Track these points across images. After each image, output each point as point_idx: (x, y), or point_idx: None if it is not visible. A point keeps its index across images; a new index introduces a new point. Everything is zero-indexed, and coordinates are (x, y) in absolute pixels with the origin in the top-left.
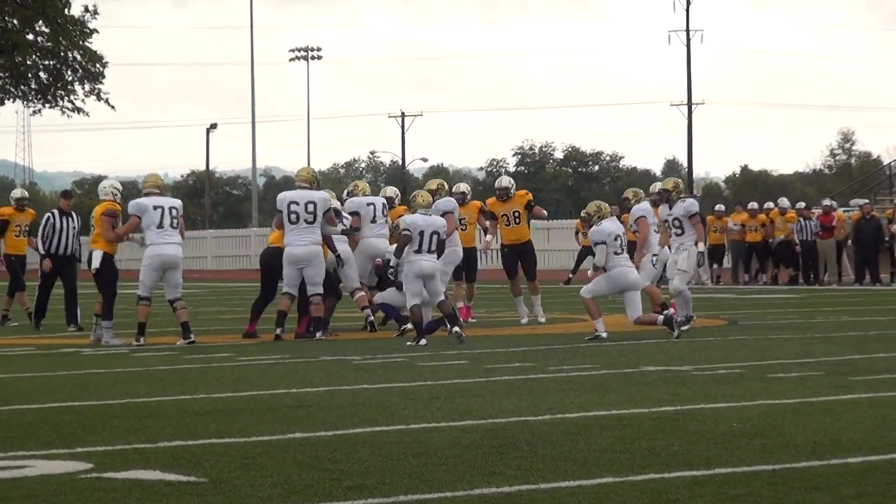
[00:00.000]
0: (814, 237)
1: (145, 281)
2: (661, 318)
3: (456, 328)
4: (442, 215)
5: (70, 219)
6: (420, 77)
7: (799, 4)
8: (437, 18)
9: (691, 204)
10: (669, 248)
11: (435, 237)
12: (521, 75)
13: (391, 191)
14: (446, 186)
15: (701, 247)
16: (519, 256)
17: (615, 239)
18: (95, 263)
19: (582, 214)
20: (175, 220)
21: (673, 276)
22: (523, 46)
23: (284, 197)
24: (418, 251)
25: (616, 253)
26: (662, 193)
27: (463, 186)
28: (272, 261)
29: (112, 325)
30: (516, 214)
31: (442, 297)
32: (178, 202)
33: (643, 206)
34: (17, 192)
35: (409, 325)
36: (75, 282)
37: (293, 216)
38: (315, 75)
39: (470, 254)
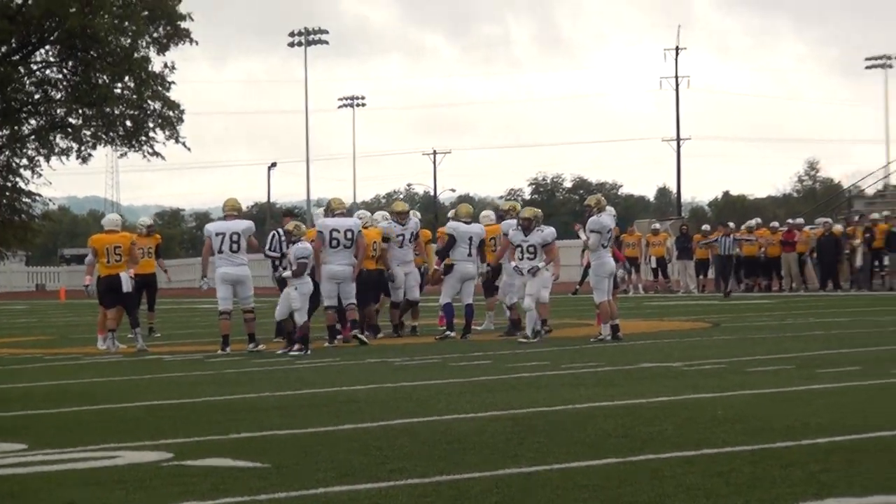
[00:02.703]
0: (731, 252)
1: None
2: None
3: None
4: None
5: None
6: (447, 120)
7: (755, 54)
8: (456, 71)
9: (549, 233)
10: (521, 271)
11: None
12: (531, 117)
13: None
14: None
15: (549, 271)
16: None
17: (608, 232)
18: (128, 286)
19: (584, 205)
20: (235, 244)
21: (524, 297)
22: (532, 92)
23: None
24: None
25: (603, 245)
26: (522, 222)
27: (490, 212)
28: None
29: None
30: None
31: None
32: (241, 226)
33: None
34: (147, 220)
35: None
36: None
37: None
38: (359, 120)
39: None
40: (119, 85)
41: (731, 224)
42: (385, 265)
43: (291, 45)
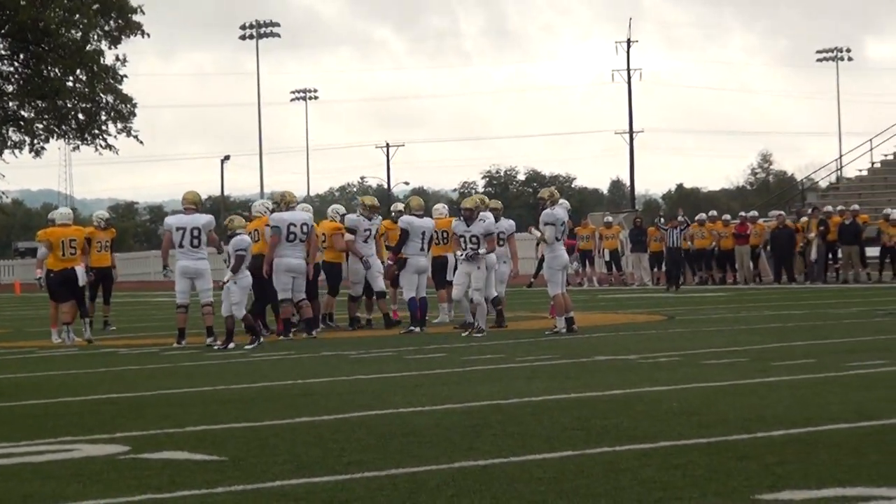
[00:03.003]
0: (676, 244)
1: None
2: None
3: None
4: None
5: None
6: (399, 113)
7: (704, 46)
8: (406, 64)
9: (490, 224)
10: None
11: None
12: (483, 110)
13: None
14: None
15: (513, 266)
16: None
17: (562, 224)
18: (83, 280)
19: (537, 199)
20: (195, 239)
21: (472, 291)
22: (482, 85)
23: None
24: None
25: (557, 238)
26: (464, 212)
27: (441, 207)
28: (256, 271)
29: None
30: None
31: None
32: (201, 221)
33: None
34: (102, 214)
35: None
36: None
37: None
38: (312, 113)
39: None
40: (71, 78)
41: (680, 217)
42: (357, 255)
43: (243, 37)
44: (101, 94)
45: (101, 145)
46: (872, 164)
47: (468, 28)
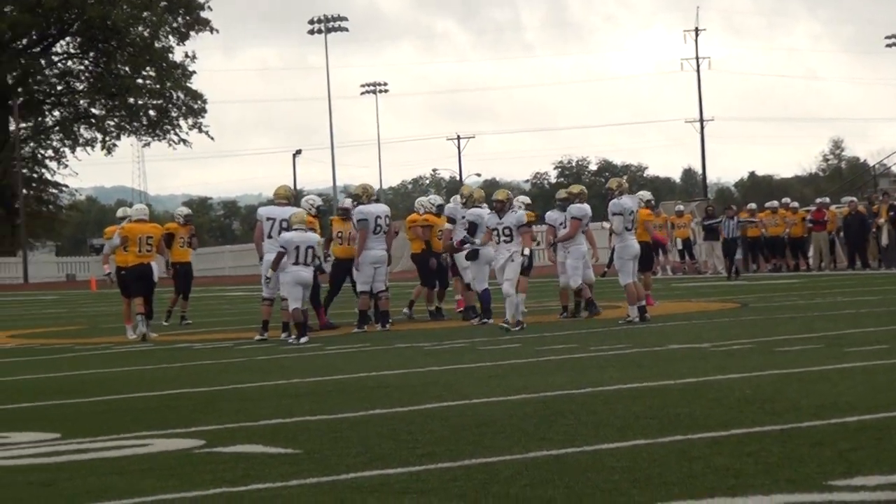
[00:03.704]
0: (733, 234)
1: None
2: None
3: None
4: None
5: None
6: (467, 105)
7: (769, 34)
8: (470, 56)
9: (522, 215)
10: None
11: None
12: (550, 101)
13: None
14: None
15: (527, 251)
16: None
17: (630, 214)
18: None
19: (605, 189)
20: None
21: (503, 282)
22: (548, 76)
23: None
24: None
25: (627, 228)
26: (495, 204)
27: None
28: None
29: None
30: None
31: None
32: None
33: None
34: (184, 210)
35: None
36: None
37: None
38: (383, 106)
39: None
40: (141, 75)
41: (734, 206)
42: (446, 249)
43: (311, 32)
44: (171, 91)
45: (173, 141)
46: None
47: (530, 20)
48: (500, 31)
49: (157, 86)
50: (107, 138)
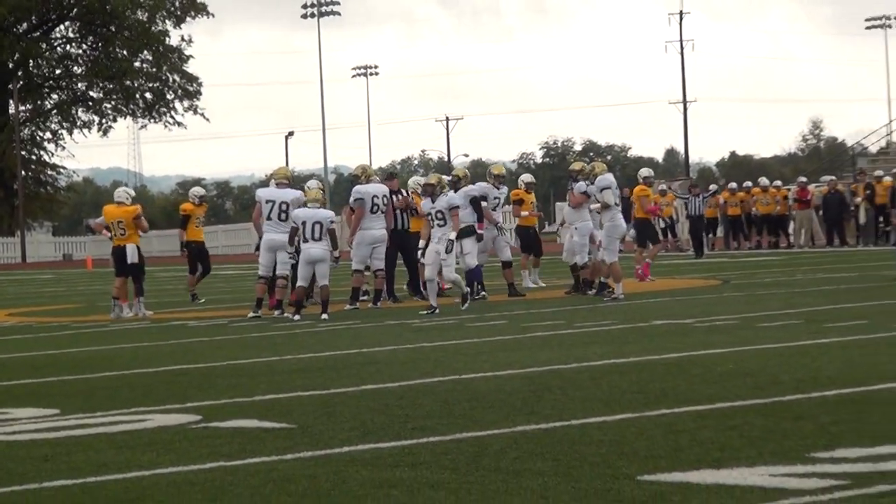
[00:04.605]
0: (699, 212)
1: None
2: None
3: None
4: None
5: (397, 197)
6: (458, 87)
7: (745, 14)
8: (454, 39)
9: (452, 197)
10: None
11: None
12: (539, 83)
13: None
14: (444, 181)
15: (452, 235)
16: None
17: (616, 188)
18: (134, 258)
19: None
20: (283, 213)
21: (444, 268)
22: (531, 59)
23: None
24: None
25: (616, 203)
26: (426, 188)
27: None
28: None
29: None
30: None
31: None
32: (290, 196)
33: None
34: (199, 191)
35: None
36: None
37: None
38: (373, 88)
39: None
40: (138, 58)
41: (698, 185)
42: (492, 221)
43: (304, 16)
44: (168, 74)
45: (169, 122)
46: None
47: (508, 4)
48: (481, 13)
49: (154, 69)
50: (103, 120)
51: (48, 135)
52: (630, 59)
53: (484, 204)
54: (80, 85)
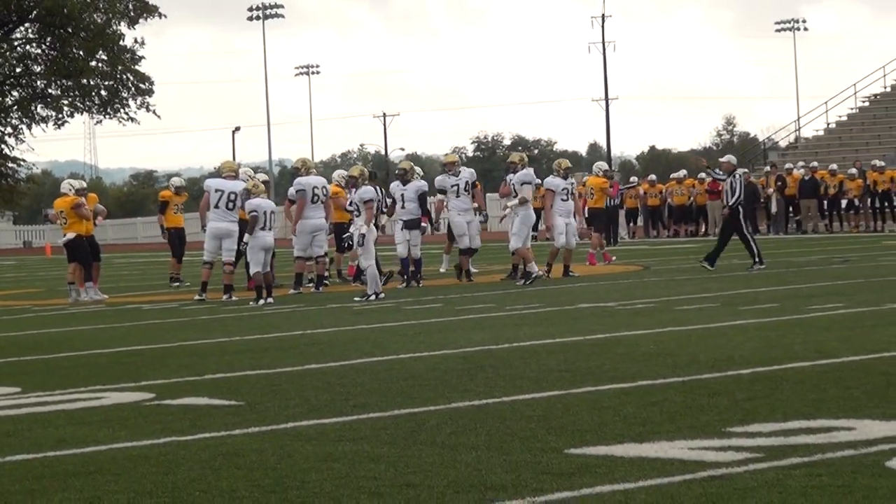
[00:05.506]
0: (612, 203)
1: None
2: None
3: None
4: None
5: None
6: (394, 85)
7: (663, 17)
8: (386, 40)
9: (365, 191)
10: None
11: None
12: (471, 82)
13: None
14: (366, 173)
15: (364, 228)
16: None
17: (535, 185)
18: (72, 243)
19: (521, 159)
20: (231, 203)
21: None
22: (470, 60)
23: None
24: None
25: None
26: (349, 180)
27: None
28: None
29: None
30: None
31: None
32: (238, 187)
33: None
34: (177, 181)
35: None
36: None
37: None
38: (315, 87)
39: None
40: (94, 58)
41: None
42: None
43: (250, 18)
44: (122, 74)
45: (122, 118)
46: (828, 124)
47: (434, 6)
48: (409, 17)
49: (109, 68)
50: (60, 116)
51: (9, 129)
52: (555, 59)
53: (441, 196)
54: (39, 83)
